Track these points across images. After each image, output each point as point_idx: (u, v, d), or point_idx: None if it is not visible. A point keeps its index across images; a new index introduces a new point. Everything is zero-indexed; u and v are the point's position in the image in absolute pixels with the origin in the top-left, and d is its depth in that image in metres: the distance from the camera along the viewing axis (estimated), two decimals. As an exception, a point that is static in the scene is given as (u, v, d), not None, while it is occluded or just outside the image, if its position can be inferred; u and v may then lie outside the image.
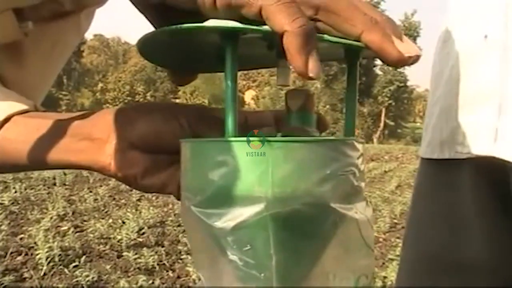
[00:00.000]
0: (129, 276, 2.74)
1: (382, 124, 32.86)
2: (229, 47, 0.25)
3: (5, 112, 0.37)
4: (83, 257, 2.94)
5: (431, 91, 0.65)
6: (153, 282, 2.68)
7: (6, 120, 0.37)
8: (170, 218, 4.02)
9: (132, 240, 3.31)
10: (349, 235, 0.26)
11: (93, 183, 5.66)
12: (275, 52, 0.30)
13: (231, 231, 0.24)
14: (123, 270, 2.84)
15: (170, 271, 2.89)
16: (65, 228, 3.57)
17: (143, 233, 3.56)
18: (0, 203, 4.21)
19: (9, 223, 3.60)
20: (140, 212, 4.07)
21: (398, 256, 3.10)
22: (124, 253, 3.06)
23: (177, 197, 0.32)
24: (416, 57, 0.25)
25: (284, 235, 0.24)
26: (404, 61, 0.25)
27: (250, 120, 0.34)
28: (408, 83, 34.79)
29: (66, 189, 5.21)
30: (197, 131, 0.33)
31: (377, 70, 32.78)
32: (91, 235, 3.44)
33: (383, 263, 3.17)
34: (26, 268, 2.75)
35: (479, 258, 0.59)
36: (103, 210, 4.35)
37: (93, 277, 2.62)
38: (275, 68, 0.31)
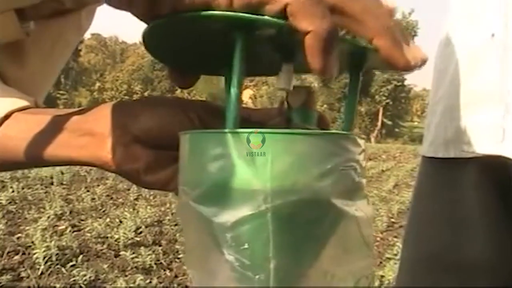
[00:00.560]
0: (126, 275, 2.73)
1: (379, 123, 32.92)
2: (240, 40, 0.25)
3: (5, 108, 0.36)
4: (81, 256, 2.93)
5: (433, 89, 0.65)
6: (150, 281, 2.67)
7: (6, 117, 0.36)
8: (168, 217, 4.02)
9: (129, 240, 3.30)
10: (349, 234, 0.25)
11: (91, 182, 5.64)
12: (280, 55, 0.29)
13: (231, 227, 0.23)
14: (121, 269, 2.83)
15: (168, 270, 2.89)
16: (63, 227, 3.56)
17: (140, 232, 3.55)
18: (-3, 203, 4.20)
19: (6, 223, 3.59)
20: (137, 211, 4.07)
21: (396, 255, 3.12)
22: (121, 253, 3.06)
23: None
24: (422, 62, 0.26)
25: (284, 234, 0.23)
26: (410, 68, 0.26)
27: (254, 116, 0.33)
28: (406, 82, 34.92)
29: (63, 188, 5.20)
30: (208, 124, 0.32)
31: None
32: (89, 234, 3.43)
33: (381, 262, 3.18)
34: (23, 267, 2.74)
35: (480, 258, 0.59)
36: (100, 209, 4.34)
37: (90, 277, 2.61)
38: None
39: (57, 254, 2.87)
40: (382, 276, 2.83)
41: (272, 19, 0.23)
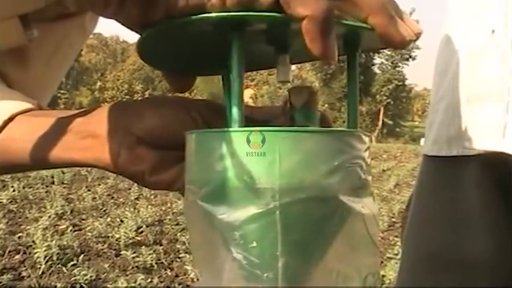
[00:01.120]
0: (127, 275, 2.73)
1: (380, 123, 32.93)
2: (236, 38, 0.24)
3: (9, 111, 0.36)
4: (81, 255, 2.94)
5: (435, 88, 0.64)
6: (151, 281, 2.67)
7: (10, 119, 0.36)
8: (169, 217, 4.02)
9: (130, 239, 3.30)
10: (355, 232, 0.25)
11: (92, 181, 5.65)
12: (275, 48, 0.29)
13: (240, 225, 0.23)
14: (122, 268, 2.83)
15: (169, 270, 2.89)
16: (63, 226, 3.57)
17: (141, 232, 3.55)
18: (-2, 202, 4.20)
19: (7, 222, 3.60)
20: (138, 211, 4.07)
21: (397, 254, 3.12)
22: (122, 252, 3.06)
23: (183, 194, 0.32)
24: (417, 36, 0.26)
25: (292, 231, 0.23)
26: (406, 43, 0.26)
27: (256, 115, 0.33)
28: (407, 82, 34.91)
29: (64, 187, 5.21)
30: (211, 124, 0.31)
31: (375, 69, 32.84)
32: (89, 233, 3.44)
33: (382, 262, 3.17)
34: (24, 266, 2.75)
35: (481, 257, 0.59)
36: (101, 208, 4.34)
37: (91, 276, 2.61)
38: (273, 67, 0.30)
39: (58, 253, 2.87)
40: (383, 276, 2.83)
41: (265, 14, 0.23)
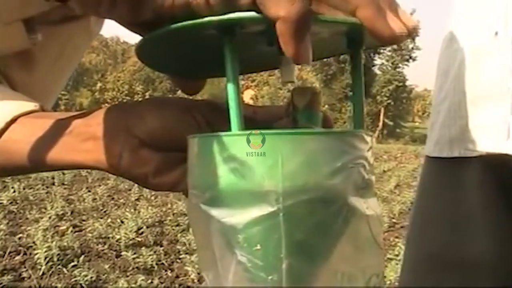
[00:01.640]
0: (127, 276, 2.73)
1: (381, 124, 32.93)
2: (228, 42, 0.24)
3: (11, 113, 0.36)
4: (82, 256, 2.94)
5: (437, 89, 0.64)
6: (151, 282, 2.67)
7: (12, 121, 0.36)
8: (169, 218, 4.02)
9: (130, 240, 3.30)
10: (359, 233, 0.25)
11: (92, 182, 5.65)
12: (276, 48, 0.29)
13: (243, 228, 0.23)
14: (122, 269, 2.83)
15: (169, 271, 2.89)
16: (64, 227, 3.57)
17: (141, 233, 3.55)
18: (-1, 203, 4.20)
19: (8, 223, 3.59)
20: (138, 212, 4.07)
21: (397, 255, 3.11)
22: (122, 253, 3.06)
23: (187, 195, 0.31)
24: (412, 31, 0.24)
25: (296, 233, 0.23)
26: (397, 39, 0.24)
27: (259, 114, 0.33)
28: (407, 83, 34.89)
29: (64, 188, 5.21)
30: (213, 125, 0.31)
31: (376, 70, 32.84)
32: (90, 234, 3.44)
33: (383, 263, 3.17)
34: (25, 267, 2.74)
35: (482, 257, 0.59)
36: (101, 209, 4.34)
37: (91, 277, 2.61)
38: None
39: (58, 254, 2.87)
40: (384, 277, 2.82)
41: (250, 15, 0.23)
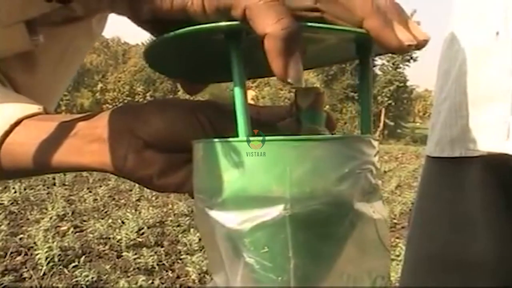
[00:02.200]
0: (128, 276, 2.73)
1: (381, 124, 32.91)
2: (234, 47, 0.24)
3: (15, 115, 0.36)
4: (83, 257, 2.94)
5: (438, 89, 0.65)
6: (152, 282, 2.67)
7: (17, 124, 0.36)
8: (170, 218, 4.02)
9: (131, 240, 3.30)
10: (366, 235, 0.25)
11: (93, 183, 5.65)
12: None
13: (249, 232, 0.23)
14: (123, 270, 2.83)
15: (170, 271, 2.89)
16: (65, 228, 3.57)
17: (142, 233, 3.55)
18: (0, 203, 4.20)
19: (9, 223, 3.60)
20: (139, 212, 4.07)
21: (398, 256, 3.11)
22: (123, 253, 3.06)
23: (192, 196, 0.31)
24: (422, 42, 0.24)
25: (303, 236, 0.23)
26: (405, 49, 0.24)
27: (263, 114, 0.33)
28: (408, 83, 34.86)
29: (65, 189, 5.20)
30: (217, 125, 0.31)
31: (376, 70, 32.83)
32: (91, 235, 3.44)
33: (384, 264, 3.17)
34: (26, 268, 2.74)
35: (483, 257, 0.59)
36: (102, 210, 4.34)
37: (92, 277, 2.62)
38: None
39: (59, 254, 2.88)
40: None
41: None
